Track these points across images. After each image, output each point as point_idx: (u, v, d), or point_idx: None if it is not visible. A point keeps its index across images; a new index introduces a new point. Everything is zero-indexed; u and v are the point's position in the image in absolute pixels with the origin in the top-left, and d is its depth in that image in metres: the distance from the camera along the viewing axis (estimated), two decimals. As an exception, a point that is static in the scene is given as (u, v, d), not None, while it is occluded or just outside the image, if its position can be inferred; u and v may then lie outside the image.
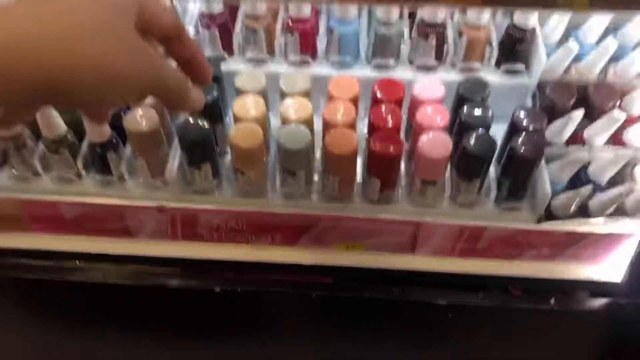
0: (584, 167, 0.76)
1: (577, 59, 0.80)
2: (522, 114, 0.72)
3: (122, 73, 0.37)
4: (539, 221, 0.76)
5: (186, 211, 0.77)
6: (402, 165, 0.75)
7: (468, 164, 0.69)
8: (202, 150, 0.70)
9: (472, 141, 0.68)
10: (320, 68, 0.82)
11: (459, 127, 0.71)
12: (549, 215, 0.75)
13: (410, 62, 0.82)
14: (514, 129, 0.71)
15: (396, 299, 0.81)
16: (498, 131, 0.74)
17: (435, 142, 0.69)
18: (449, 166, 0.74)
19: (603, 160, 0.75)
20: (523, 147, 0.68)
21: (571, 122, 0.72)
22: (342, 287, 0.82)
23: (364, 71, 0.81)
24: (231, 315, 0.83)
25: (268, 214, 0.77)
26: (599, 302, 0.81)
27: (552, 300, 0.80)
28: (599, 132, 0.75)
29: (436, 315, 0.81)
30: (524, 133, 0.69)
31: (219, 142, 0.76)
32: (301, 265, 0.83)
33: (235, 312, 0.83)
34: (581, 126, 0.77)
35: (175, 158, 0.75)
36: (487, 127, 0.70)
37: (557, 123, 0.76)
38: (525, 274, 0.82)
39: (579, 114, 0.71)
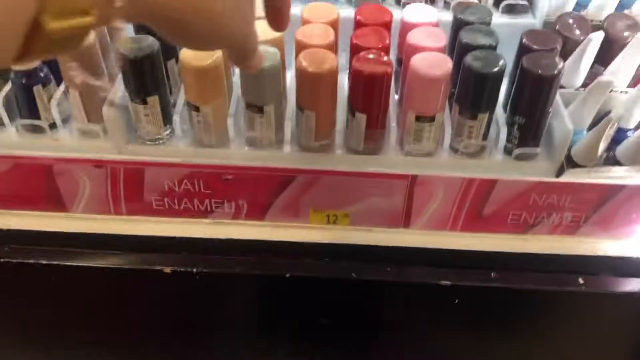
0: (607, 112, 0.64)
1: (581, 4, 0.71)
2: (532, 35, 0.60)
3: (231, 32, 0.38)
4: (559, 172, 0.62)
5: (130, 167, 0.63)
6: (392, 107, 0.62)
7: (471, 90, 0.57)
8: (147, 73, 0.57)
9: (476, 58, 0.56)
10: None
11: (459, 50, 0.60)
12: (571, 164, 0.62)
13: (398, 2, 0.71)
14: (524, 49, 0.59)
15: (391, 281, 0.65)
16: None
17: (432, 61, 0.57)
18: (447, 102, 0.61)
19: (628, 100, 0.63)
20: (536, 65, 0.56)
21: (589, 49, 0.61)
22: (322, 267, 0.66)
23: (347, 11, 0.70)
24: (185, 299, 0.67)
25: (230, 168, 0.63)
26: (636, 282, 0.65)
27: (581, 281, 0.65)
28: (621, 69, 0.64)
29: (440, 299, 0.65)
30: (536, 52, 0.57)
31: (171, 79, 0.64)
32: (271, 242, 0.67)
33: (190, 296, 0.66)
34: (597, 70, 0.66)
35: (117, 93, 0.62)
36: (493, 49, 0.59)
37: (571, 60, 0.65)
38: (543, 249, 0.67)
39: (598, 37, 0.60)
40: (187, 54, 0.56)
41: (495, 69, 0.56)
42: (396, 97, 0.67)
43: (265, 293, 0.67)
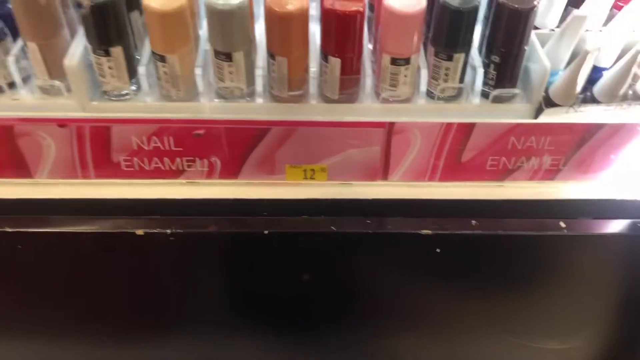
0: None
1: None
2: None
3: None
4: (537, 113, 0.61)
5: (95, 125, 0.60)
6: (367, 55, 0.61)
7: (446, 28, 0.56)
8: (109, 21, 0.55)
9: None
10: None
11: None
12: (549, 104, 0.61)
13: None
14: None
15: (372, 233, 0.64)
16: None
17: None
18: (422, 47, 0.60)
19: (603, 38, 0.62)
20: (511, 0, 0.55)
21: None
22: (301, 222, 0.64)
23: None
24: (160, 263, 0.64)
25: (200, 122, 0.60)
26: (617, 224, 0.65)
27: (562, 224, 0.64)
28: (594, 8, 0.63)
29: (421, 249, 0.64)
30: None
31: (136, 34, 0.61)
32: (247, 200, 0.65)
33: (165, 259, 0.64)
34: (571, 11, 0.65)
35: (78, 46, 0.59)
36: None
37: (545, 1, 0.64)
38: (523, 195, 0.66)
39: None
40: (150, 0, 0.54)
41: (470, 5, 0.55)
42: (370, 46, 0.65)
43: (244, 252, 0.65)
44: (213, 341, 0.73)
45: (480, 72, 0.60)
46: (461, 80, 0.61)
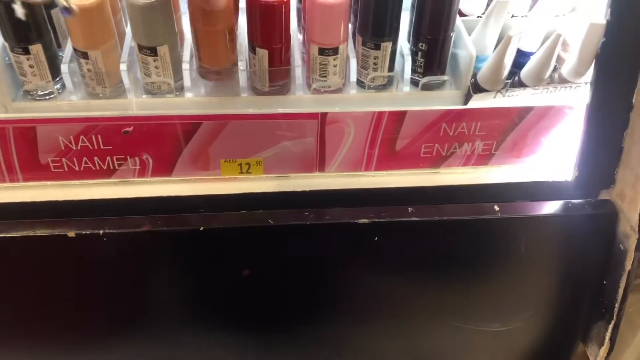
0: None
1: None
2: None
3: None
4: (467, 98, 0.62)
5: (19, 125, 0.58)
6: (297, 46, 0.60)
7: (372, 16, 0.56)
8: (26, 17, 0.53)
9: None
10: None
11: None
12: (477, 90, 0.62)
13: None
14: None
15: (309, 224, 0.63)
16: None
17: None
18: (350, 37, 0.60)
19: (527, 23, 0.63)
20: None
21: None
22: (238, 217, 0.63)
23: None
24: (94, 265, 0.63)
25: (127, 119, 0.59)
26: (550, 205, 0.66)
27: (496, 208, 0.65)
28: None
29: (359, 238, 0.64)
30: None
31: (58, 31, 0.59)
32: (182, 198, 0.64)
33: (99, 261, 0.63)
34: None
35: (-3, 46, 0.57)
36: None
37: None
38: (458, 181, 0.67)
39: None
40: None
41: (393, -8, 0.55)
42: (300, 37, 0.65)
43: (181, 250, 0.64)
44: (158, 343, 0.72)
45: (409, 60, 0.60)
46: (390, 68, 0.61)
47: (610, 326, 0.69)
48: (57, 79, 0.58)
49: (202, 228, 0.61)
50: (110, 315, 0.67)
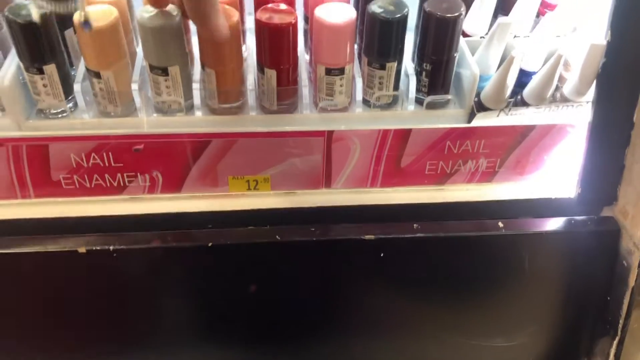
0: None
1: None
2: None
3: None
4: (470, 117, 0.63)
5: (32, 143, 0.60)
6: (304, 65, 0.62)
7: (377, 38, 0.57)
8: (41, 38, 0.54)
9: (379, 6, 0.56)
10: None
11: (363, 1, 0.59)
12: (481, 108, 0.63)
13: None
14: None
15: (315, 240, 0.64)
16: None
17: (336, 10, 0.56)
18: (356, 56, 0.61)
19: (530, 43, 0.65)
20: (438, 8, 0.57)
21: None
22: (245, 233, 0.64)
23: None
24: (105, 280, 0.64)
25: (138, 137, 0.60)
26: (553, 222, 0.67)
27: (501, 224, 0.66)
28: (521, 15, 0.66)
29: (365, 254, 0.65)
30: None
31: (71, 51, 0.61)
32: (191, 214, 0.65)
33: (109, 276, 0.63)
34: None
35: (11, 65, 0.58)
36: None
37: (474, 9, 0.66)
38: (462, 198, 0.68)
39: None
40: (80, 17, 0.54)
41: (398, 15, 0.57)
42: (307, 57, 0.67)
43: (189, 266, 0.65)
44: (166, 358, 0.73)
45: (414, 79, 0.62)
46: (395, 88, 0.62)
47: (615, 342, 0.69)
48: (70, 97, 0.59)
49: (210, 244, 0.62)
50: (119, 331, 0.68)
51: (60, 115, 0.60)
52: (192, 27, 0.64)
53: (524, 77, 0.65)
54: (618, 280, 0.67)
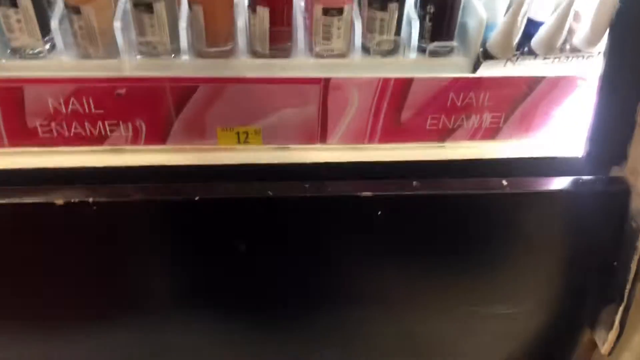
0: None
1: None
2: None
3: None
4: (476, 66, 0.60)
5: (5, 85, 0.55)
6: (299, 8, 0.58)
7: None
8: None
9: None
10: None
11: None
12: (487, 57, 0.60)
13: None
14: None
15: (310, 197, 0.60)
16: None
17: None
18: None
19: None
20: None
21: None
22: (236, 187, 0.60)
23: None
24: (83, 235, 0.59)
25: (120, 81, 0.56)
26: (560, 181, 0.64)
27: (504, 182, 0.62)
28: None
29: (362, 212, 0.61)
30: None
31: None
32: (176, 167, 0.61)
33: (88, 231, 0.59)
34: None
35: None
36: None
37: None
38: (464, 155, 0.64)
39: None
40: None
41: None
42: (302, 3, 0.63)
43: (174, 221, 0.61)
44: (146, 320, 0.69)
45: (416, 25, 0.58)
46: (397, 33, 0.58)
47: (621, 308, 0.66)
48: (47, 37, 0.55)
49: (197, 198, 0.58)
50: (98, 289, 0.64)
51: (36, 56, 0.55)
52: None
53: (532, 27, 0.61)
54: (626, 244, 0.64)
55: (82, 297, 0.64)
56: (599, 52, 0.59)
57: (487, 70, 0.59)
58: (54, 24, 0.54)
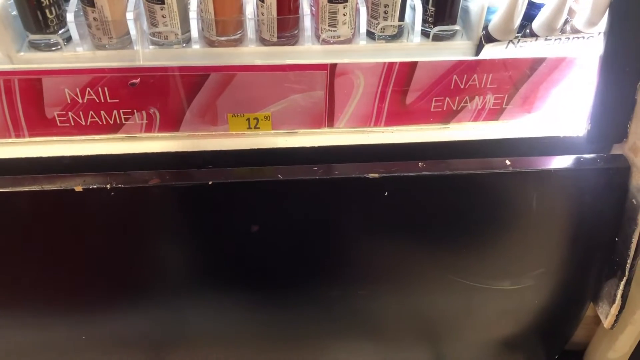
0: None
1: None
2: None
3: None
4: (478, 49, 0.61)
5: (24, 77, 0.58)
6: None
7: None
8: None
9: None
10: None
11: None
12: (489, 40, 0.61)
13: None
14: None
15: (319, 179, 0.62)
16: None
17: None
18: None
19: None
20: None
21: None
22: (247, 171, 0.62)
23: None
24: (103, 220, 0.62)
25: (134, 70, 0.58)
26: (562, 159, 0.65)
27: (508, 162, 0.64)
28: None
29: (369, 193, 0.63)
30: None
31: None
32: (190, 153, 0.64)
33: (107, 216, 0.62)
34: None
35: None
36: None
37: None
38: (469, 137, 0.66)
39: None
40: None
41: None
42: (308, -10, 0.64)
43: (188, 205, 0.63)
44: (163, 301, 0.71)
45: (420, 8, 0.59)
46: (401, 18, 0.60)
47: (622, 283, 0.68)
48: (63, 30, 0.57)
49: (210, 182, 0.61)
50: (116, 272, 0.67)
51: (53, 48, 0.57)
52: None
53: (533, 9, 0.63)
54: (627, 220, 0.65)
55: (101, 279, 0.67)
56: (599, 33, 0.60)
57: (490, 53, 0.61)
58: (69, 17, 0.56)
